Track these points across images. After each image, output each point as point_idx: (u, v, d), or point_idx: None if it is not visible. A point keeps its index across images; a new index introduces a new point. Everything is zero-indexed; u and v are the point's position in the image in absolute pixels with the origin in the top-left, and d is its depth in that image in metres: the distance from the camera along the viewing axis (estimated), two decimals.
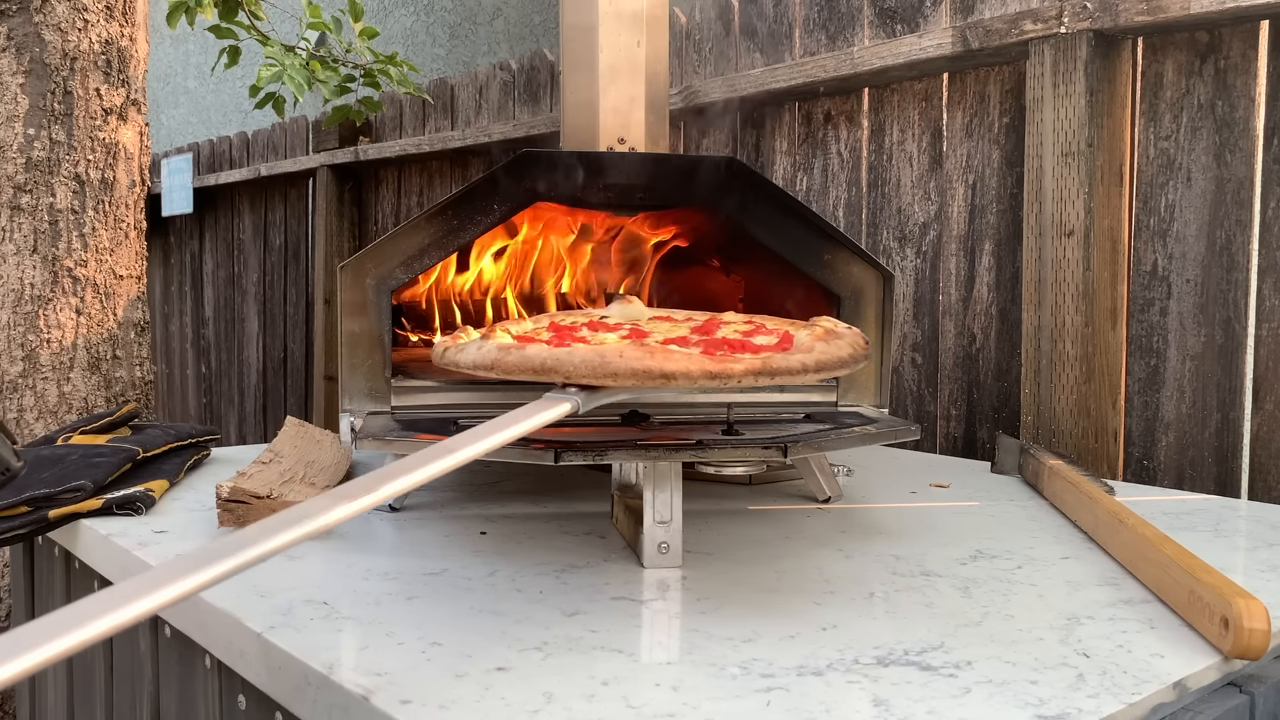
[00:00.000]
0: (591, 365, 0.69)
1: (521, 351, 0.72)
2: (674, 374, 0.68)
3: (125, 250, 2.06)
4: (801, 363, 0.72)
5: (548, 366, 0.71)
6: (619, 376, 0.68)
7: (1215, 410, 1.36)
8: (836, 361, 0.74)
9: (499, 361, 0.73)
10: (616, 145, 1.25)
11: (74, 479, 1.06)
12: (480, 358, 0.75)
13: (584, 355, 0.70)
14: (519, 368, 0.72)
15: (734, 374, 0.69)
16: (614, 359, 0.68)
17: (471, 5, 3.26)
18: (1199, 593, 0.73)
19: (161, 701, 0.95)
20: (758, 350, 0.77)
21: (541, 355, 0.71)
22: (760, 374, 0.69)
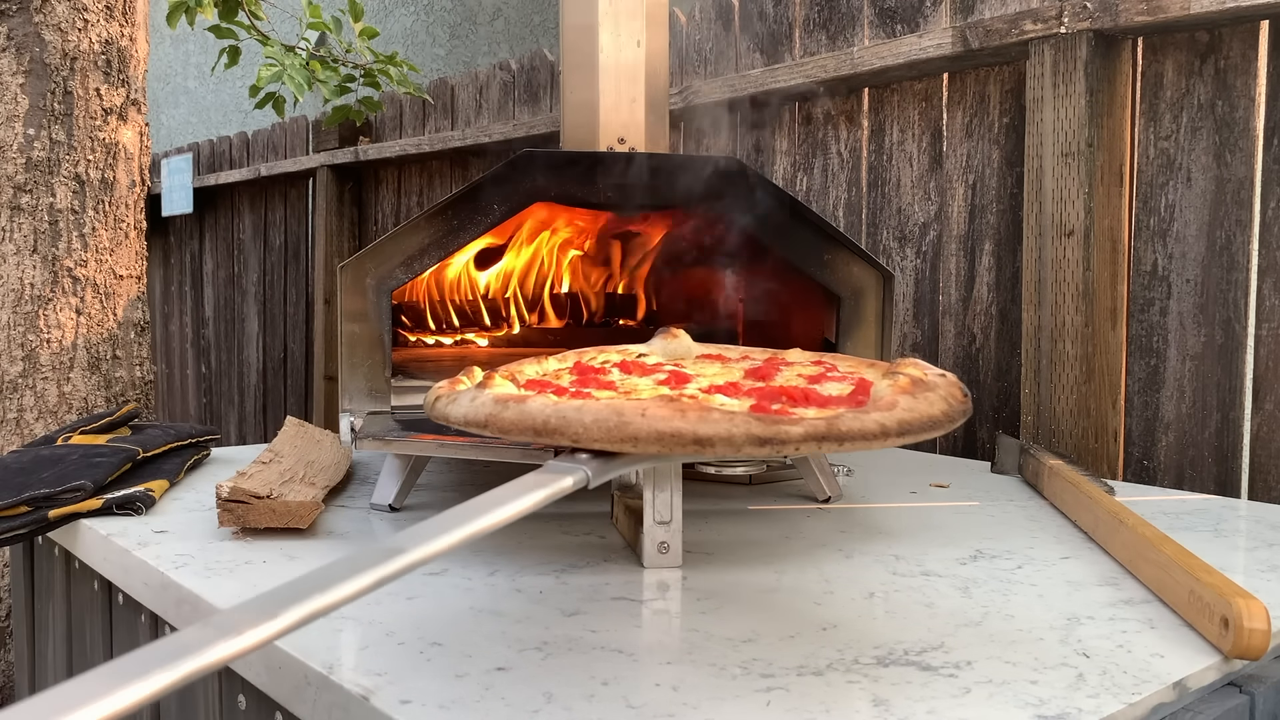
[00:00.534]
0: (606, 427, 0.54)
1: (521, 406, 0.58)
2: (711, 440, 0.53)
3: (125, 250, 2.06)
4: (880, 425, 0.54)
5: (551, 427, 0.56)
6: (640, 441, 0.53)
7: (1215, 410, 1.36)
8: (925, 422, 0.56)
9: (494, 418, 0.59)
10: (616, 145, 1.25)
11: (74, 479, 1.06)
12: (473, 412, 0.61)
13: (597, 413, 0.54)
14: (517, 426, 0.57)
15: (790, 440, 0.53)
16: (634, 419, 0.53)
17: (471, 5, 3.26)
18: (1199, 593, 0.73)
19: (161, 701, 0.95)
20: (824, 403, 0.62)
21: (545, 412, 0.56)
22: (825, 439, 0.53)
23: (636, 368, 0.78)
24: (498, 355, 1.44)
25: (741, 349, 0.86)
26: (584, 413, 0.55)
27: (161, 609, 0.88)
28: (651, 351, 0.84)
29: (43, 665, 1.25)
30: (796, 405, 0.61)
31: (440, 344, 1.53)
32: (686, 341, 0.85)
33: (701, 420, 0.53)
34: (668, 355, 0.84)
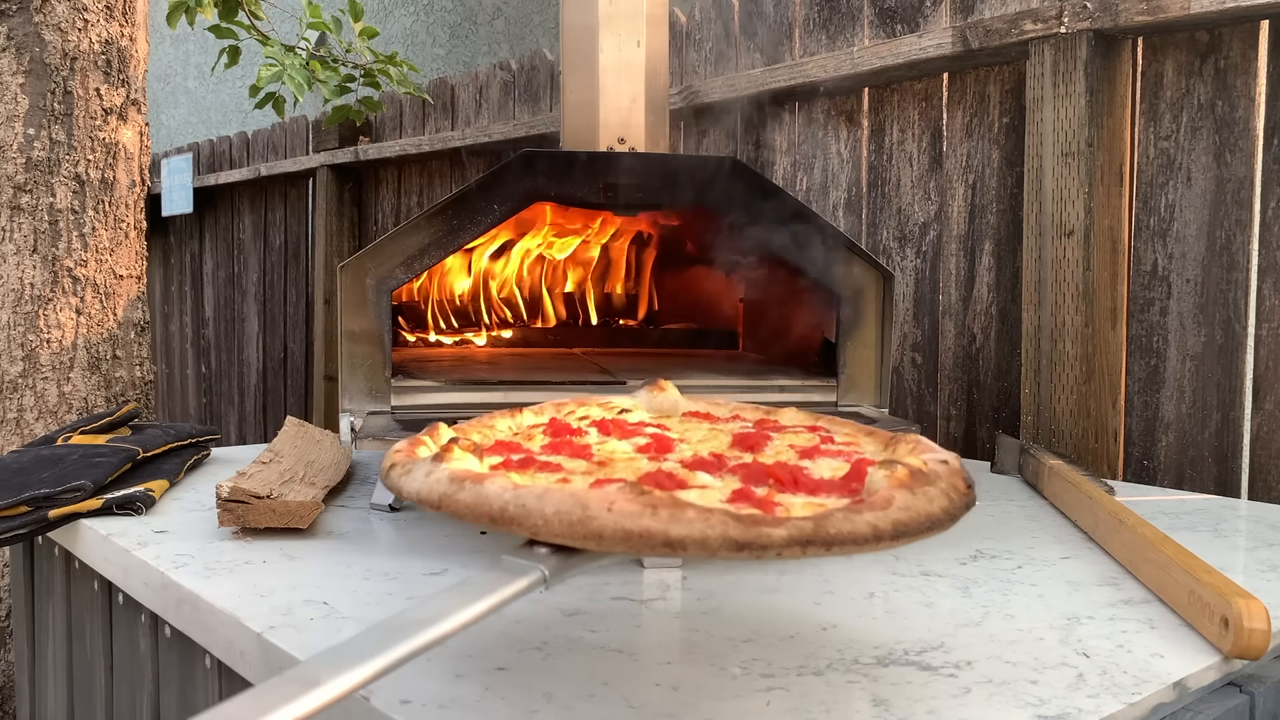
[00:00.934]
0: (568, 521, 0.48)
1: (478, 489, 0.52)
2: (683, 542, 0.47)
3: (125, 250, 2.06)
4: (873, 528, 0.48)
5: (509, 515, 0.50)
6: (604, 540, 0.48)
7: (1215, 410, 1.36)
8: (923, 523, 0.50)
9: (448, 499, 0.53)
10: (616, 145, 1.25)
11: (74, 479, 1.06)
12: (426, 489, 0.54)
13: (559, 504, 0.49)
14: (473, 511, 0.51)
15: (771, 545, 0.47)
16: (600, 513, 0.48)
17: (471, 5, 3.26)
18: (1199, 593, 0.73)
19: (161, 701, 0.95)
20: (814, 488, 0.56)
21: (503, 498, 0.50)
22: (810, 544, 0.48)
23: (616, 428, 0.71)
24: (497, 355, 1.44)
25: (732, 405, 0.79)
26: (545, 502, 0.50)
27: (161, 609, 0.88)
28: (636, 406, 0.78)
29: (43, 665, 1.25)
30: (784, 489, 0.56)
31: (440, 344, 1.53)
32: (673, 395, 0.79)
33: (673, 520, 0.48)
34: (653, 410, 0.78)
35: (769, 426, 0.73)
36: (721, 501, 0.54)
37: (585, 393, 1.13)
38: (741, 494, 0.55)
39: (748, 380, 1.18)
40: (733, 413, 0.78)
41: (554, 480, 0.57)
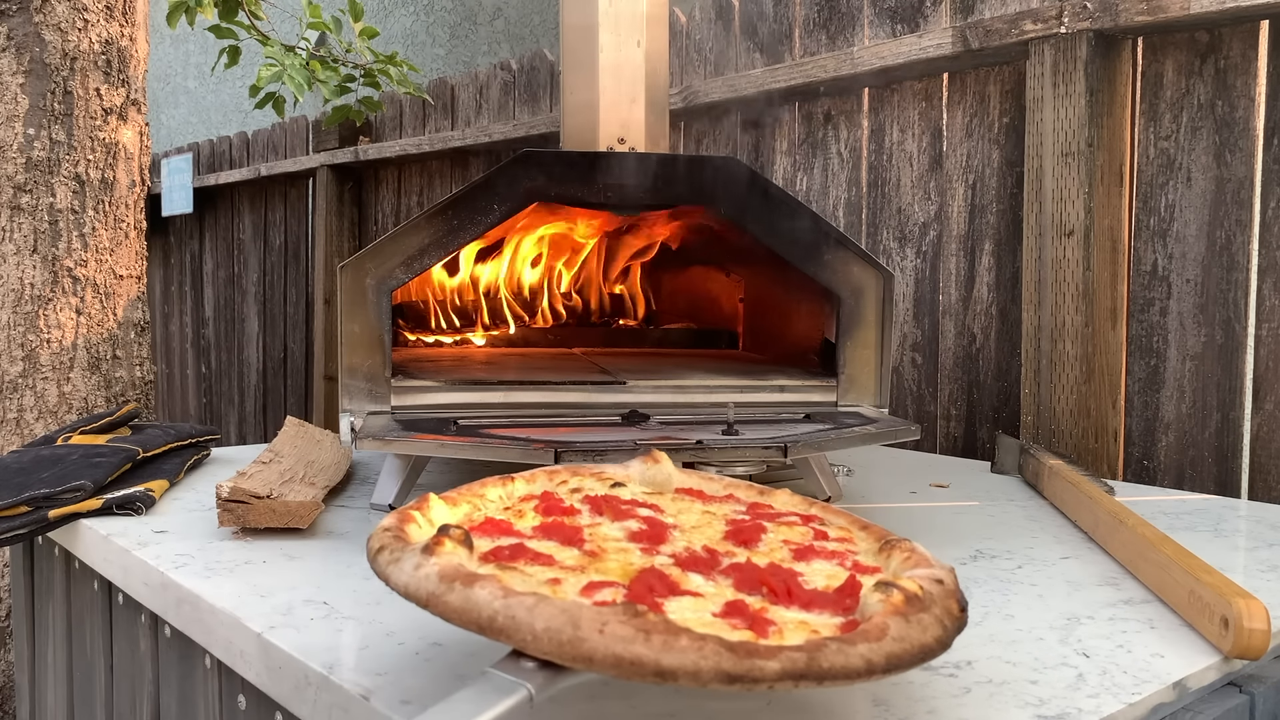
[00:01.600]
0: (558, 640, 0.47)
1: (467, 593, 0.51)
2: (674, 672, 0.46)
3: (125, 250, 2.06)
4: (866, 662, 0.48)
5: (498, 626, 0.49)
6: (595, 663, 0.47)
7: (1215, 410, 1.36)
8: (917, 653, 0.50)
9: (436, 599, 0.52)
10: (616, 145, 1.25)
11: (74, 479, 1.06)
12: (414, 585, 0.53)
13: (550, 620, 0.48)
14: (461, 617, 0.50)
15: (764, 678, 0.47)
16: (591, 635, 0.47)
17: (471, 5, 3.26)
18: (1199, 593, 0.73)
19: (161, 701, 0.95)
20: (808, 602, 0.56)
21: (492, 606, 0.49)
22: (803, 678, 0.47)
23: (610, 508, 0.69)
24: (497, 355, 1.44)
25: (725, 481, 0.78)
26: (535, 616, 0.48)
27: (161, 609, 0.88)
28: (630, 478, 0.77)
29: (43, 665, 1.25)
30: (778, 601, 0.56)
31: (440, 344, 1.53)
32: (667, 468, 0.78)
33: (666, 648, 0.47)
34: (646, 482, 0.77)
35: (762, 512, 0.71)
36: (714, 615, 0.54)
37: (585, 391, 1.14)
38: (734, 607, 0.54)
39: (747, 380, 1.18)
40: (726, 490, 0.77)
41: (545, 579, 0.56)
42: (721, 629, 0.52)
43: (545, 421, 1.09)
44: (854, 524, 0.69)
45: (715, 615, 0.54)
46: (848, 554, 0.64)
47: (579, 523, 0.67)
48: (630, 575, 0.58)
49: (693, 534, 0.67)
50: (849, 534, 0.68)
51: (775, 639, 0.51)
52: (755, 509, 0.72)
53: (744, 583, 0.58)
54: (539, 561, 0.59)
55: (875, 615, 0.52)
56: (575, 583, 0.56)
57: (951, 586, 0.57)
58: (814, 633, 0.52)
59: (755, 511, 0.72)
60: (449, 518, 0.66)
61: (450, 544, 0.56)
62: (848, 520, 0.70)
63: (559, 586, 0.55)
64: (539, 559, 0.59)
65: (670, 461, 0.79)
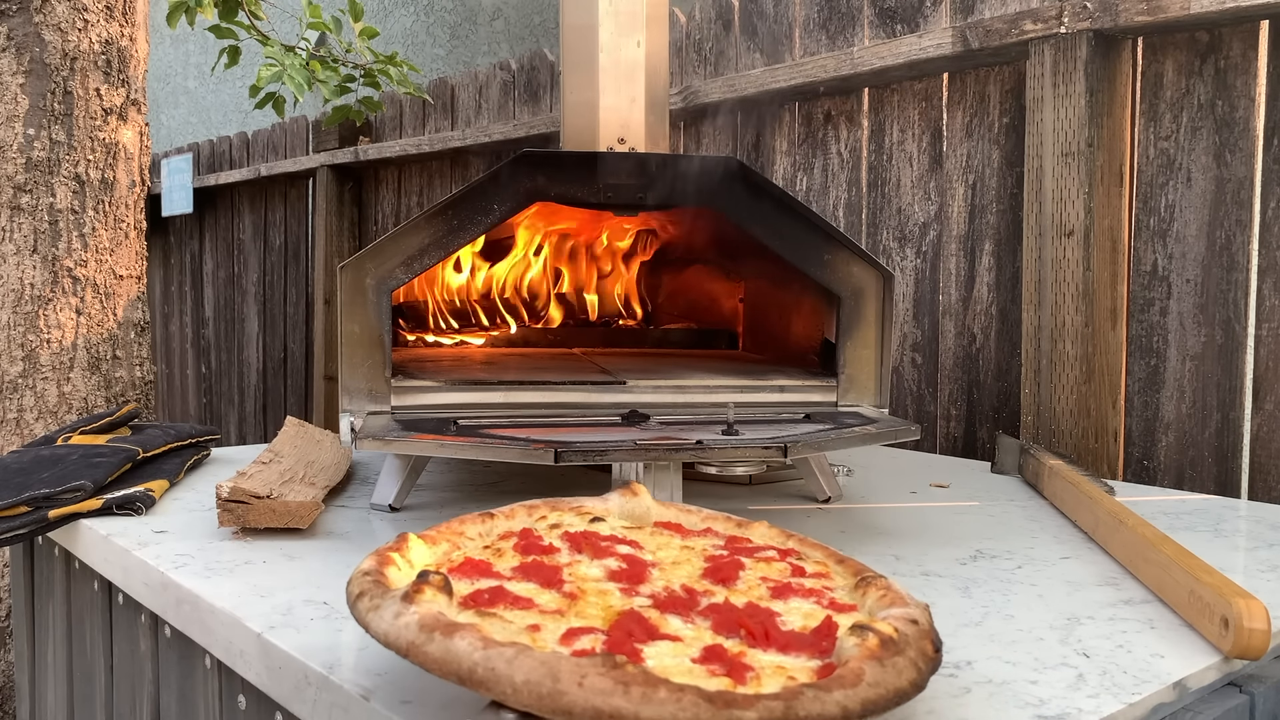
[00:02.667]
0: (538, 693, 0.48)
1: (447, 644, 0.51)
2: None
3: (125, 250, 2.06)
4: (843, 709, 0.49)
5: (478, 678, 0.50)
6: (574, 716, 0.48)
7: (1215, 410, 1.36)
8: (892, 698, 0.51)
9: (415, 649, 0.52)
10: (616, 145, 1.25)
11: (74, 479, 1.06)
12: (394, 634, 0.54)
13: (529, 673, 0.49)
14: (439, 667, 0.51)
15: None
16: (570, 688, 0.48)
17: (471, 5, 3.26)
18: (1199, 593, 0.73)
19: (161, 701, 0.95)
20: (785, 645, 0.57)
21: (471, 659, 0.50)
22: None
23: (589, 546, 0.70)
24: (497, 355, 1.44)
25: (704, 514, 0.79)
26: (515, 669, 0.49)
27: (161, 609, 0.88)
28: (609, 512, 0.78)
29: (43, 665, 1.25)
30: (755, 644, 0.57)
31: (440, 344, 1.53)
32: (646, 501, 0.79)
33: (645, 700, 0.47)
34: (625, 515, 0.77)
35: (740, 547, 0.72)
36: (693, 661, 0.54)
37: (585, 391, 1.13)
38: (713, 653, 0.55)
39: (747, 380, 1.18)
40: (704, 523, 0.78)
41: (525, 625, 0.57)
42: (700, 676, 0.53)
43: (545, 422, 1.09)
44: (830, 557, 0.71)
45: (694, 661, 0.54)
46: (824, 591, 0.65)
47: (558, 561, 0.67)
48: (610, 619, 0.58)
49: (671, 571, 0.68)
50: (826, 568, 0.69)
51: (753, 685, 0.52)
52: (733, 543, 0.73)
53: (722, 625, 0.59)
54: (519, 605, 0.59)
55: (851, 659, 0.53)
56: (555, 629, 0.57)
57: (926, 627, 0.58)
58: (791, 679, 0.53)
59: (733, 546, 0.73)
60: (428, 558, 0.66)
61: (430, 591, 0.56)
62: (824, 554, 0.71)
63: (538, 634, 0.56)
64: (519, 603, 0.60)
65: (648, 495, 0.79)
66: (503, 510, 0.75)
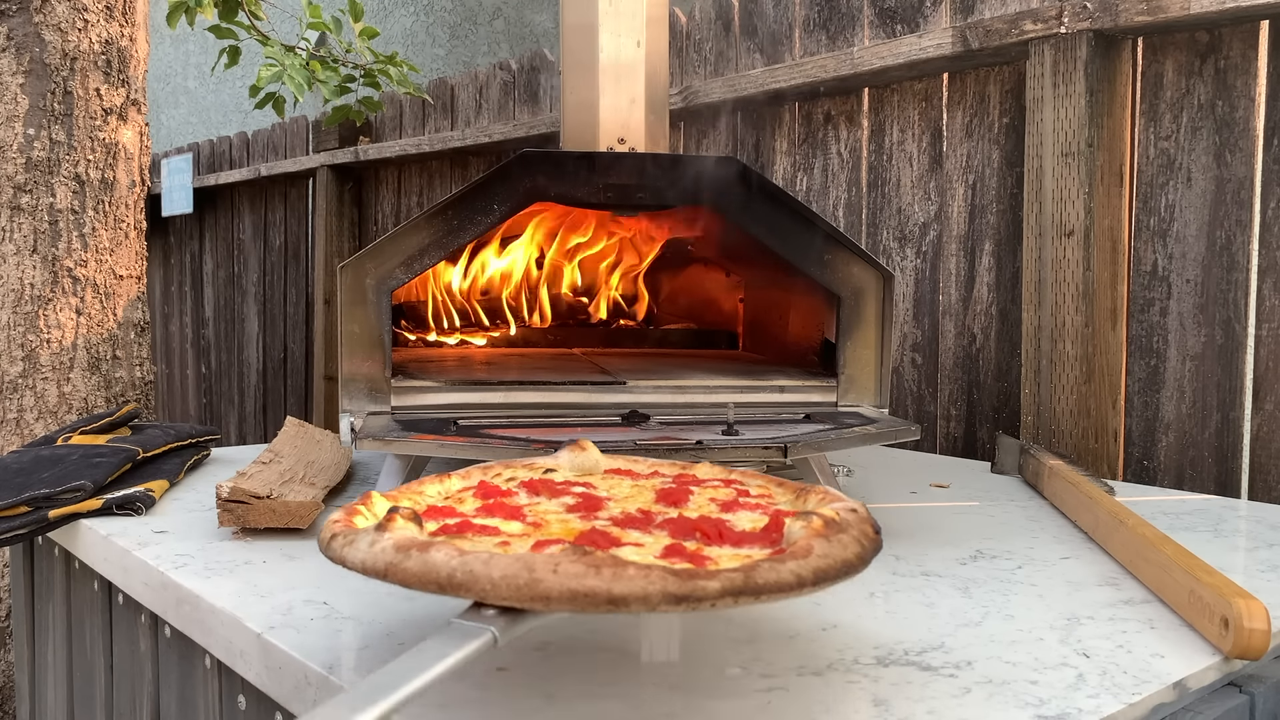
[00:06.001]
0: (515, 584, 0.51)
1: (424, 556, 0.53)
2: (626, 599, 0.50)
3: (125, 250, 2.06)
4: (797, 576, 0.53)
5: (457, 581, 0.52)
6: (552, 601, 0.50)
7: (1215, 410, 1.36)
8: (840, 568, 0.56)
9: (394, 568, 0.54)
10: (616, 145, 1.25)
11: (74, 479, 1.06)
12: (371, 559, 0.56)
13: (505, 569, 0.51)
14: (420, 579, 0.53)
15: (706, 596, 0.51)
16: (545, 575, 0.51)
17: (471, 5, 3.26)
18: (1199, 593, 0.73)
19: (161, 701, 0.95)
20: (739, 540, 0.61)
21: (449, 565, 0.52)
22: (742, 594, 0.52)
23: (545, 488, 0.73)
24: (497, 355, 1.44)
25: (650, 462, 0.83)
26: (492, 567, 0.52)
27: (161, 609, 0.88)
28: (559, 466, 0.81)
29: (43, 665, 1.25)
30: (711, 543, 0.60)
31: (440, 344, 1.53)
32: (594, 455, 0.83)
33: (616, 578, 0.51)
34: (575, 469, 0.81)
35: (688, 480, 0.76)
36: (656, 558, 0.56)
37: (585, 392, 1.14)
38: (673, 549, 0.58)
39: (747, 380, 1.18)
40: (651, 469, 0.82)
41: (495, 544, 0.58)
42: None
43: (545, 422, 1.09)
44: (771, 482, 0.75)
45: (657, 558, 0.57)
46: (769, 505, 0.69)
47: (518, 502, 0.71)
48: (573, 535, 0.62)
49: (626, 502, 0.71)
50: (768, 490, 0.74)
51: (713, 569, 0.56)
52: (680, 478, 0.77)
53: (679, 532, 0.62)
54: (486, 533, 0.62)
55: (800, 540, 0.57)
56: (523, 545, 0.59)
57: (865, 515, 0.62)
58: (748, 558, 0.57)
59: (681, 480, 0.76)
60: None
61: (401, 520, 0.60)
62: (766, 480, 0.76)
63: (508, 548, 0.58)
64: (485, 531, 0.62)
65: (596, 449, 0.83)
66: (458, 472, 0.77)
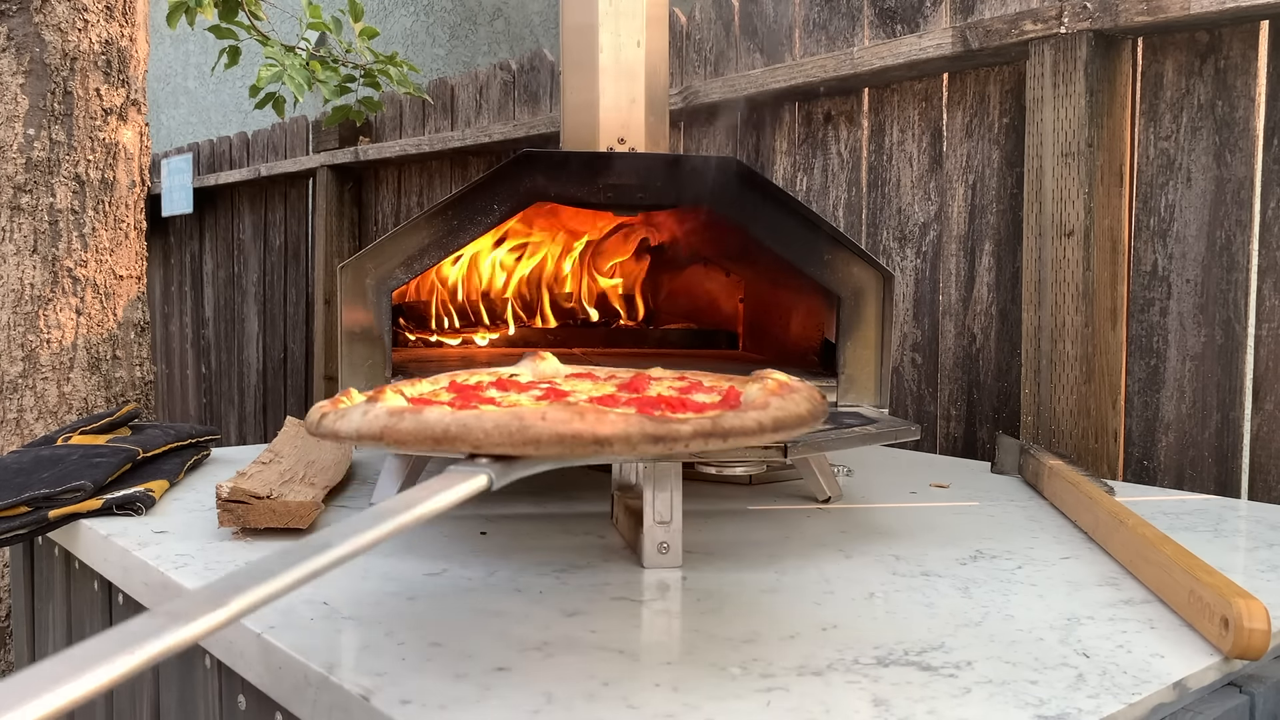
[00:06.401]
0: (507, 431, 0.55)
1: (418, 416, 0.57)
2: (610, 439, 0.55)
3: (125, 250, 2.06)
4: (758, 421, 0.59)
5: (451, 434, 0.55)
6: (541, 444, 0.54)
7: (1215, 410, 1.36)
8: (795, 419, 0.62)
9: (389, 429, 0.58)
10: (616, 145, 1.25)
11: (74, 479, 1.06)
12: (366, 425, 0.59)
13: (497, 419, 0.55)
14: (415, 437, 0.56)
15: (681, 436, 0.56)
16: (534, 422, 0.55)
17: (471, 5, 3.26)
18: (1199, 593, 0.73)
19: (161, 701, 0.95)
20: (701, 408, 0.66)
21: (443, 421, 0.56)
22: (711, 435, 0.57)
23: (513, 385, 0.77)
24: (497, 355, 1.44)
25: (608, 369, 0.87)
26: (484, 419, 0.56)
27: None
28: (521, 372, 0.84)
29: None
30: (675, 412, 0.63)
31: (441, 344, 1.53)
32: (554, 363, 0.86)
33: (600, 421, 0.55)
34: (537, 375, 0.85)
35: (646, 378, 0.82)
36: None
37: None
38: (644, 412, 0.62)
39: None
40: (609, 374, 0.87)
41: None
42: None
43: None
44: (722, 377, 0.81)
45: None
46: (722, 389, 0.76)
47: (490, 395, 0.75)
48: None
49: (590, 393, 0.77)
50: (719, 383, 0.80)
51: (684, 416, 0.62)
52: (638, 376, 0.83)
53: (645, 405, 0.68)
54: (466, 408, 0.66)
55: (758, 398, 0.64)
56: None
57: (813, 386, 0.69)
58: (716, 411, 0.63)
59: (638, 378, 0.82)
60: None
61: (389, 393, 0.65)
62: (716, 376, 0.82)
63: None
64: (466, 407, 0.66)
65: (556, 359, 0.88)
66: (427, 378, 0.81)
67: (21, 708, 0.36)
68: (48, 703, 0.37)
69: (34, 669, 0.38)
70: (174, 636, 0.43)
